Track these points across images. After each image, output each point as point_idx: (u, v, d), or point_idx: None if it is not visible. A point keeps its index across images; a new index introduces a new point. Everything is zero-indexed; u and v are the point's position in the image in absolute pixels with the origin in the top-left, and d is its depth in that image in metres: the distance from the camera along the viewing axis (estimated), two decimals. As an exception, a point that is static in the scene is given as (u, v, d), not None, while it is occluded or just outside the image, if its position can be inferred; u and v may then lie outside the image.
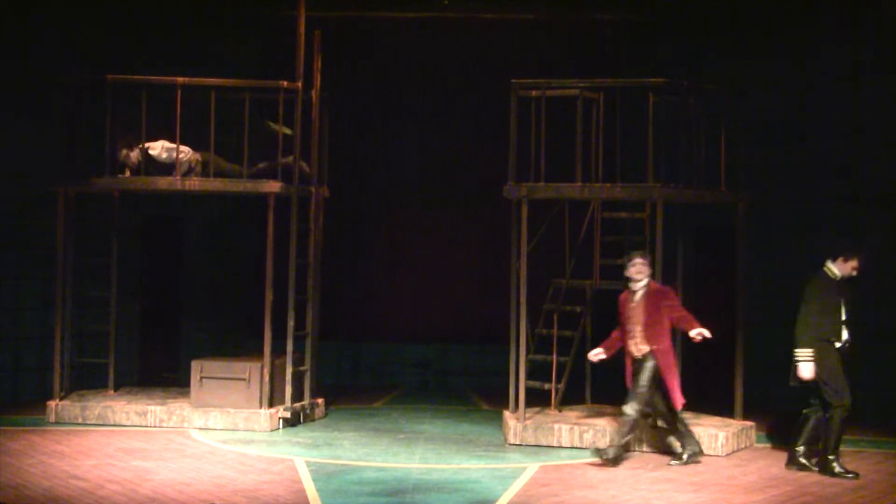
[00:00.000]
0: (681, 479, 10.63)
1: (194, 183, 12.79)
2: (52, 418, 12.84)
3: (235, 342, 15.29)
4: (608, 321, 11.88)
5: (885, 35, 13.53)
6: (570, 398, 13.14)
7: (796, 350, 10.78)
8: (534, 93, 12.23)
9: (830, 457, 10.77)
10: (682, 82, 12.08)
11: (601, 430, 11.97)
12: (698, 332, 11.08)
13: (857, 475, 10.67)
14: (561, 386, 12.89)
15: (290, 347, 13.01)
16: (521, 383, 12.32)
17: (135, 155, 12.81)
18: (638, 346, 11.30)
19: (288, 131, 12.82)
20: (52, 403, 12.92)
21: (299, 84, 12.99)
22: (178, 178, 12.72)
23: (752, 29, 14.85)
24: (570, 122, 12.38)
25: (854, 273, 10.90)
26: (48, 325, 13.47)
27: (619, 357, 11.58)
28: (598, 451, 11.21)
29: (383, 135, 16.77)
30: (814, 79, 14.36)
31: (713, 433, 11.83)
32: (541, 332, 12.98)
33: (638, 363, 11.28)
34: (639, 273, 11.30)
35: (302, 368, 13.37)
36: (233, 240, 16.08)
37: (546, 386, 12.82)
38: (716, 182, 12.28)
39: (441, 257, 16.74)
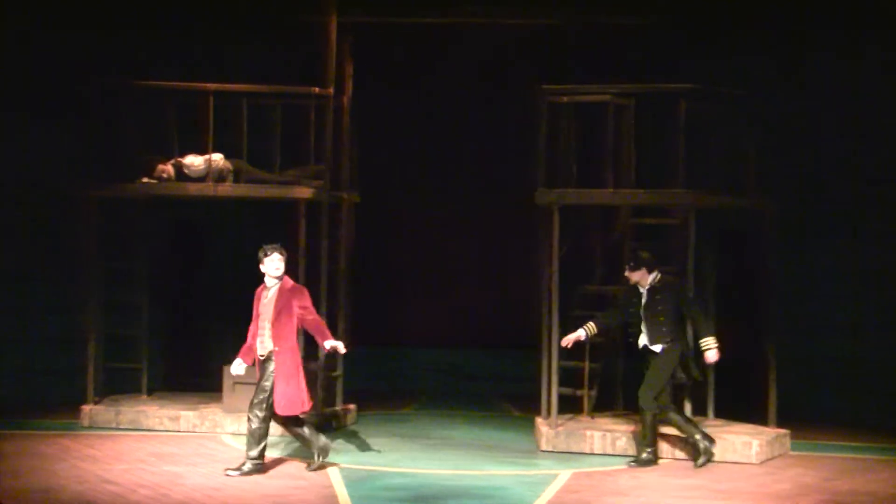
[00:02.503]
0: (711, 487, 10.57)
1: (225, 188, 12.84)
2: (86, 422, 12.90)
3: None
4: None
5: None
6: (602, 404, 13.11)
7: (709, 339, 11.23)
8: (564, 99, 12.21)
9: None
10: (712, 88, 12.03)
11: (634, 437, 11.92)
12: (332, 346, 10.89)
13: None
14: (593, 392, 12.86)
15: (321, 353, 13.01)
16: (552, 389, 12.30)
17: (169, 170, 12.86)
18: (264, 344, 10.87)
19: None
20: (85, 408, 12.99)
21: (330, 90, 13.02)
22: (209, 183, 12.77)
23: (775, 31, 14.77)
24: (599, 127, 12.35)
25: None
26: (77, 328, 13.52)
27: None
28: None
29: (412, 140, 16.77)
30: (833, 81, 14.27)
31: (746, 441, 11.77)
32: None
33: (262, 362, 10.87)
34: (277, 269, 10.85)
35: (333, 374, 13.39)
36: (263, 245, 16.07)
37: (578, 392, 12.79)
38: (741, 187, 12.21)
39: (472, 263, 16.73)
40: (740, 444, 11.74)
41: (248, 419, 10.82)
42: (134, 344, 13.77)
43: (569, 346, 11.77)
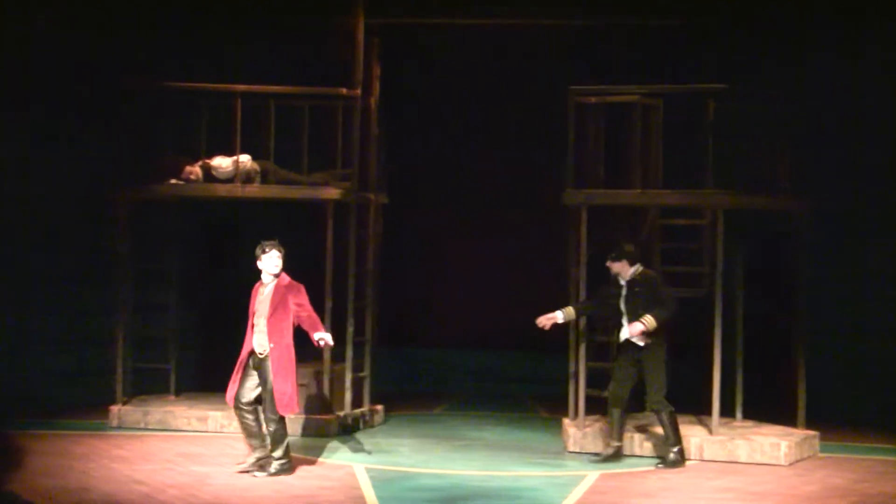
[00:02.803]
0: (741, 489, 10.54)
1: (254, 190, 12.87)
2: (115, 423, 12.96)
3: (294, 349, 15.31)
4: (667, 328, 11.78)
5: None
6: (630, 406, 13.04)
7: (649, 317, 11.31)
8: (592, 99, 12.20)
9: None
10: (742, 87, 11.99)
11: (661, 439, 11.89)
12: (321, 337, 10.81)
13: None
14: (620, 393, 12.81)
15: (349, 354, 13.05)
16: (580, 391, 12.28)
17: (197, 171, 12.90)
18: (260, 342, 10.76)
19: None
20: (114, 408, 13.05)
21: (358, 91, 13.04)
22: (237, 185, 12.81)
23: (806, 31, 14.70)
24: (628, 127, 12.33)
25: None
26: (109, 329, 13.58)
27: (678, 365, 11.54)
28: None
29: (440, 141, 16.77)
30: (867, 78, 14.18)
31: (775, 442, 11.73)
32: (599, 339, 12.92)
33: (258, 360, 10.77)
34: (276, 266, 10.81)
35: (361, 375, 13.41)
36: (291, 247, 16.10)
37: (605, 394, 12.75)
38: (774, 188, 12.16)
39: (499, 263, 16.71)
40: (769, 445, 11.69)
41: (266, 422, 10.73)
42: (163, 344, 13.81)
43: (545, 328, 11.81)
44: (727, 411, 12.36)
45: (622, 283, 11.61)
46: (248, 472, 10.74)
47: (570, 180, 12.28)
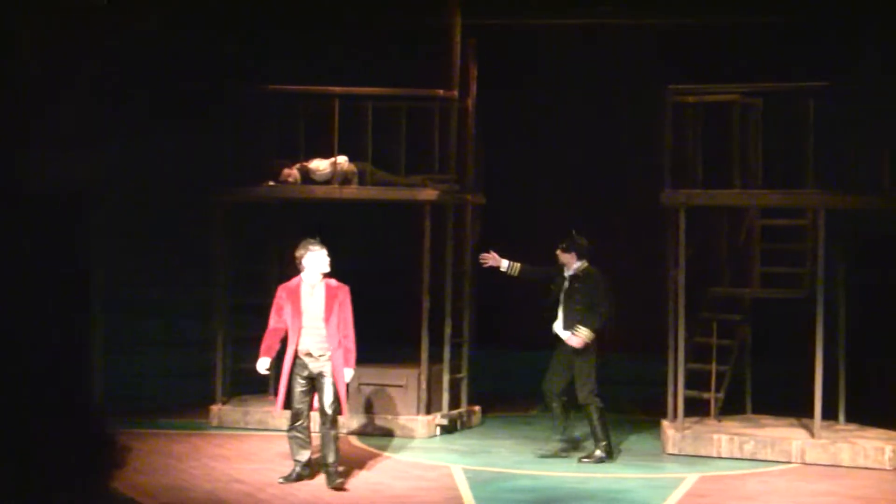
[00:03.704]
0: (843, 493, 10.37)
1: (351, 191, 12.94)
2: (215, 422, 13.10)
3: (391, 349, 15.37)
4: (767, 330, 11.66)
5: None
6: (730, 408, 12.93)
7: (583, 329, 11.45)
8: (690, 98, 12.08)
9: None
10: (843, 85, 11.80)
11: (761, 441, 11.75)
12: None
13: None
14: (720, 395, 12.69)
15: (446, 354, 13.07)
16: (679, 392, 12.17)
17: (295, 174, 13.00)
18: (315, 344, 10.35)
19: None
20: (214, 408, 13.19)
21: (455, 93, 13.05)
22: (335, 186, 12.88)
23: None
24: (727, 127, 12.19)
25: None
26: (210, 330, 13.74)
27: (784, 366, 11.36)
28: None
29: (539, 142, 16.72)
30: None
31: (879, 446, 11.52)
32: (699, 340, 12.80)
33: (314, 364, 10.33)
34: (327, 266, 10.46)
35: (458, 375, 13.41)
36: (388, 248, 16.19)
37: (705, 395, 12.64)
38: (876, 187, 11.94)
39: (596, 264, 16.58)
40: (873, 449, 11.49)
41: (328, 427, 10.31)
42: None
43: (484, 264, 12.05)
44: (829, 414, 12.17)
45: (566, 274, 11.65)
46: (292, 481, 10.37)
47: (667, 181, 12.18)
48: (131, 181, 14.28)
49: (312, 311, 10.40)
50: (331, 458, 10.33)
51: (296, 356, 10.37)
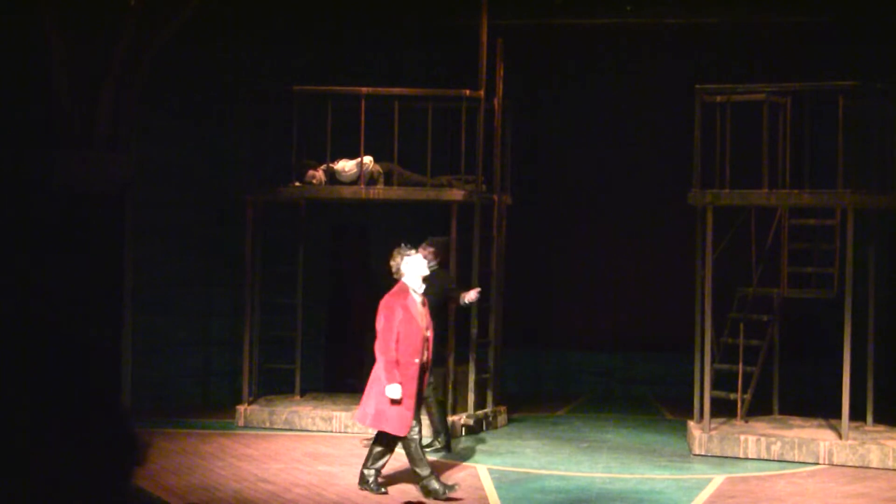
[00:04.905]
0: (873, 495, 10.30)
1: (378, 191, 12.94)
2: (242, 422, 13.13)
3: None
4: (796, 330, 11.60)
5: None
6: (757, 408, 12.88)
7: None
8: (718, 98, 12.04)
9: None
10: (875, 84, 11.73)
11: (789, 442, 11.69)
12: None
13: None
14: (748, 396, 12.64)
15: (473, 355, 13.05)
16: (706, 393, 12.13)
17: (320, 175, 13.02)
18: (427, 356, 9.74)
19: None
20: (241, 408, 13.21)
21: (482, 92, 13.04)
22: (362, 186, 12.89)
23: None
24: (755, 127, 12.14)
25: None
26: (237, 330, 13.77)
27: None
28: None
29: (566, 142, 16.71)
30: None
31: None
32: (726, 340, 12.75)
33: (421, 375, 9.67)
34: (428, 268, 9.99)
35: (485, 376, 13.39)
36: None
37: (732, 396, 12.59)
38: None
39: (625, 265, 16.59)
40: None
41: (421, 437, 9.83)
42: (289, 345, 13.95)
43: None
44: (858, 415, 12.10)
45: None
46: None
47: (696, 180, 12.14)
48: (161, 183, 14.32)
49: (425, 323, 9.75)
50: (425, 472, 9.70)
51: (421, 370, 9.67)
